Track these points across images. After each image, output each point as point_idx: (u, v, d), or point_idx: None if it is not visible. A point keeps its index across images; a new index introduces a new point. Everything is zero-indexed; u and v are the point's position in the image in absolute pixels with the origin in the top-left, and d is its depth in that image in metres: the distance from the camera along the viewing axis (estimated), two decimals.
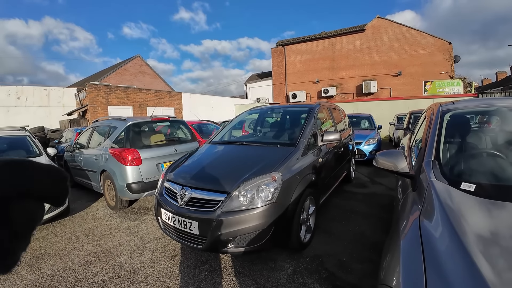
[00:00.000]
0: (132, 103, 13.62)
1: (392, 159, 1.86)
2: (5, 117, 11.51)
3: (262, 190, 2.28)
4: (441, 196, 1.30)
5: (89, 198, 4.95)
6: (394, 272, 1.06)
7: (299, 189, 2.53)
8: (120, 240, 3.18)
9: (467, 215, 1.18)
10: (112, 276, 2.43)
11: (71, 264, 2.68)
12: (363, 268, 2.40)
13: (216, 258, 2.64)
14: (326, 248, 2.75)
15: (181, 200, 2.43)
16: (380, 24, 19.17)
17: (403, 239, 1.20)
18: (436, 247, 1.04)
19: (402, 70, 18.55)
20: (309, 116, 3.43)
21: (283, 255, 2.62)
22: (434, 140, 1.79)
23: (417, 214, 1.31)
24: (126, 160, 3.88)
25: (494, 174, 1.60)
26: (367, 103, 15.75)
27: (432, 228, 1.15)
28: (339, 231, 3.16)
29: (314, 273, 2.33)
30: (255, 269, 2.42)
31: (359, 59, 19.89)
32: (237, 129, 4.46)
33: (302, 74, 22.08)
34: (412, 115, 7.88)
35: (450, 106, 2.18)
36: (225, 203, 2.23)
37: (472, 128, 2.32)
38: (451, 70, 17.47)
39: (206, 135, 6.93)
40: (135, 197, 4.01)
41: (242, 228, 2.17)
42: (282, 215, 2.31)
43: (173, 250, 2.84)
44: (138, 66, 24.23)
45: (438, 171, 1.52)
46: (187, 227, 2.33)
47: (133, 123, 4.37)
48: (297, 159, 2.73)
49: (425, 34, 18.10)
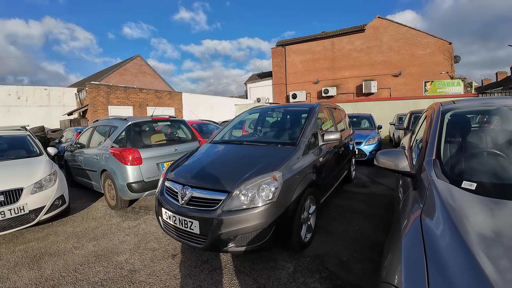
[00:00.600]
0: (132, 103, 13.63)
1: (393, 158, 1.86)
2: (6, 116, 11.52)
3: (263, 189, 2.28)
4: (442, 194, 1.30)
5: (90, 197, 4.95)
6: (396, 270, 1.06)
7: (299, 189, 2.53)
8: (120, 239, 3.18)
9: (468, 214, 1.17)
10: (113, 275, 2.43)
11: (71, 263, 2.68)
12: (363, 267, 2.40)
13: (217, 257, 2.64)
14: (326, 248, 2.75)
15: (182, 199, 2.43)
16: (380, 24, 19.17)
17: (404, 237, 1.20)
18: (438, 245, 1.04)
19: (402, 70, 18.55)
20: (309, 115, 3.43)
21: (283, 255, 2.62)
22: (435, 139, 1.79)
23: (418, 212, 1.31)
24: (127, 160, 3.88)
25: (495, 172, 1.60)
26: (367, 103, 15.75)
27: (434, 226, 1.15)
28: (339, 230, 3.16)
29: (314, 273, 2.33)
30: (255, 269, 2.42)
31: (359, 59, 19.89)
32: (238, 129, 4.46)
33: (302, 74, 22.08)
34: (412, 115, 7.88)
35: (451, 105, 2.18)
36: (226, 202, 2.23)
37: (472, 128, 2.32)
38: (451, 70, 17.46)
39: (206, 135, 6.93)
40: (136, 197, 4.02)
41: (243, 227, 2.17)
42: (282, 215, 2.31)
43: (174, 250, 2.84)
44: (138, 66, 24.24)
45: (439, 170, 1.52)
46: (187, 226, 2.33)
47: (133, 122, 4.37)
48: (298, 158, 2.73)
49: (425, 34, 18.10)
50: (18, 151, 4.27)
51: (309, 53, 21.75)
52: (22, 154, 4.19)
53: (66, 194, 3.81)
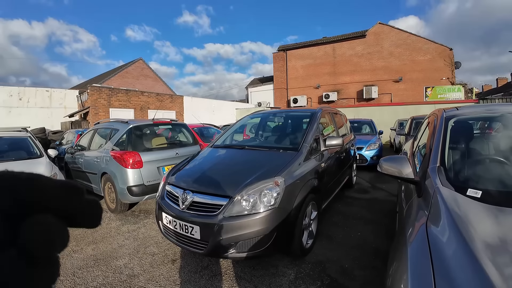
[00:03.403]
0: (133, 105, 13.66)
1: (397, 164, 1.84)
2: (7, 118, 11.52)
3: (265, 195, 2.26)
4: (448, 202, 1.29)
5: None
6: (402, 279, 1.04)
7: (301, 194, 2.51)
8: (120, 243, 3.15)
9: (474, 222, 1.16)
10: (112, 280, 2.40)
11: (70, 267, 2.65)
12: (365, 274, 2.37)
13: (217, 263, 2.61)
14: (328, 254, 2.72)
15: (183, 204, 2.41)
16: (381, 30, 19.29)
17: (410, 245, 1.18)
18: (444, 253, 1.02)
19: (403, 75, 18.61)
20: (311, 120, 3.43)
21: (284, 261, 2.59)
22: (439, 146, 1.77)
23: (423, 220, 1.29)
24: (127, 163, 3.87)
25: (500, 180, 1.59)
26: (368, 109, 15.77)
27: (440, 234, 1.13)
28: (341, 236, 3.13)
29: (316, 280, 2.30)
30: (256, 275, 2.39)
31: (360, 65, 19.97)
32: (239, 133, 4.45)
33: (303, 79, 22.16)
34: (413, 120, 7.88)
35: (454, 112, 2.18)
36: (227, 208, 2.21)
37: (476, 134, 2.31)
38: (452, 76, 17.52)
39: (207, 138, 6.92)
40: (136, 200, 3.99)
41: (244, 233, 2.15)
42: (284, 221, 2.29)
43: (174, 255, 2.81)
44: (140, 69, 24.36)
45: (444, 177, 1.51)
46: (188, 231, 2.30)
47: (134, 125, 4.37)
48: (300, 164, 2.72)
49: (426, 40, 18.20)
50: (19, 152, 4.26)
51: (310, 58, 21.85)
52: (23, 155, 4.19)
53: None
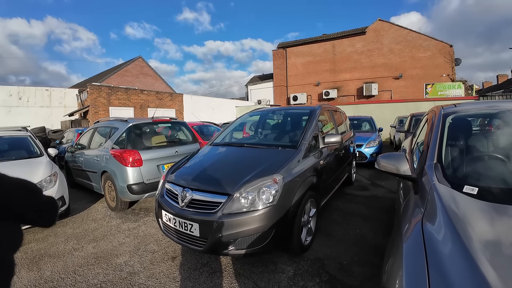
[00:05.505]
0: (133, 104, 13.65)
1: (394, 161, 1.85)
2: (7, 117, 11.53)
3: (263, 192, 2.27)
4: (444, 199, 1.29)
5: (90, 199, 4.95)
6: (397, 275, 1.05)
7: (300, 192, 2.52)
8: (120, 241, 3.17)
9: (470, 219, 1.17)
10: (112, 277, 2.43)
11: (71, 265, 2.67)
12: (364, 271, 2.38)
13: (217, 260, 2.63)
14: (327, 251, 2.74)
15: (182, 202, 2.42)
16: (381, 27, 19.20)
17: (405, 242, 1.19)
18: (439, 250, 1.03)
19: (403, 72, 18.55)
20: (310, 118, 3.43)
21: (283, 258, 2.61)
22: (436, 143, 1.78)
23: (419, 217, 1.30)
24: (127, 161, 3.88)
25: (497, 177, 1.59)
26: (368, 106, 15.74)
27: (435, 231, 1.14)
28: (340, 233, 3.14)
29: (315, 276, 2.32)
30: (255, 272, 2.41)
31: (360, 62, 19.91)
32: (238, 131, 4.46)
33: (303, 76, 22.11)
34: (413, 117, 7.87)
35: (452, 108, 2.18)
36: (226, 205, 2.22)
37: (474, 131, 2.31)
38: (452, 73, 17.47)
39: (207, 136, 6.93)
40: (136, 198, 4.01)
41: (243, 230, 2.16)
42: (283, 218, 2.30)
43: (174, 252, 2.83)
44: (139, 68, 24.30)
45: (441, 174, 1.51)
46: (187, 228, 2.32)
47: (134, 124, 4.37)
48: (299, 161, 2.73)
49: (426, 37, 18.11)
50: (19, 151, 4.27)
51: (310, 55, 21.78)
52: (23, 154, 4.20)
53: (66, 195, 3.80)
